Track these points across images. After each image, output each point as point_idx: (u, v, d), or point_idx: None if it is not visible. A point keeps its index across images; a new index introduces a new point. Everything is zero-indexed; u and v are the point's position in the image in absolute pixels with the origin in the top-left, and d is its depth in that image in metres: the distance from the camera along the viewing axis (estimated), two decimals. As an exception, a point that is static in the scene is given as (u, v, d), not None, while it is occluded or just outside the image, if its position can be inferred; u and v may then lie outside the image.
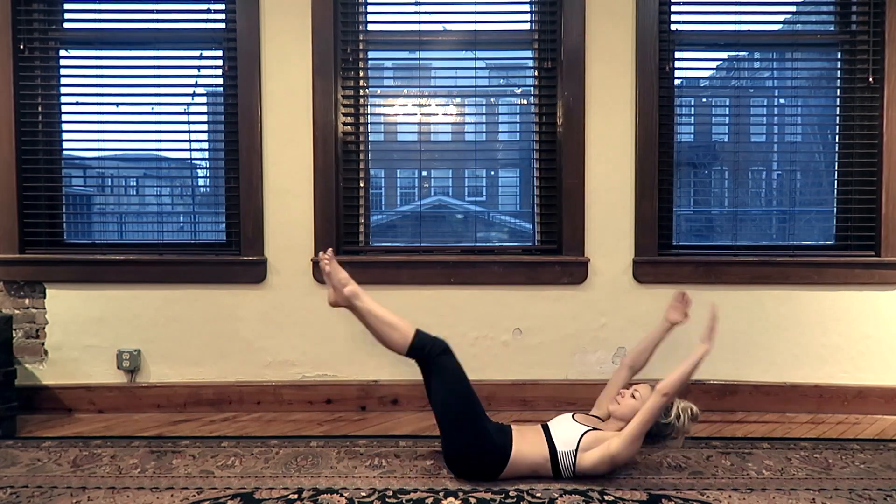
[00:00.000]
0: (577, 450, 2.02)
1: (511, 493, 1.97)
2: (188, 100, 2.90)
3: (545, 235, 2.91)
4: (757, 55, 3.12)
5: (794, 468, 2.18)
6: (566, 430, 2.08)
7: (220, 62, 2.84)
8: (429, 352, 2.10)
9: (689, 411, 2.07)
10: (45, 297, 2.81)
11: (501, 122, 3.13)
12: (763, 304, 2.82)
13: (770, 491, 2.01)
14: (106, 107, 2.87)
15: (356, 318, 2.79)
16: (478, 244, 2.92)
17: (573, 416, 2.17)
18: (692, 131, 3.09)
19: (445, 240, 2.99)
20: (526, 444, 2.06)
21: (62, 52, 2.89)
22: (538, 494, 1.96)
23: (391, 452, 2.32)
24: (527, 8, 2.93)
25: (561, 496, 1.95)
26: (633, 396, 2.10)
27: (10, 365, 2.49)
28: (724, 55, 3.07)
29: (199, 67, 2.88)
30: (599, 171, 2.80)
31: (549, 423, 2.15)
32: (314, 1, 2.76)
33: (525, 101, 2.98)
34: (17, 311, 2.80)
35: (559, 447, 2.03)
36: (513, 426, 2.14)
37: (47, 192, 2.86)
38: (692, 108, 3.07)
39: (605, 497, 1.95)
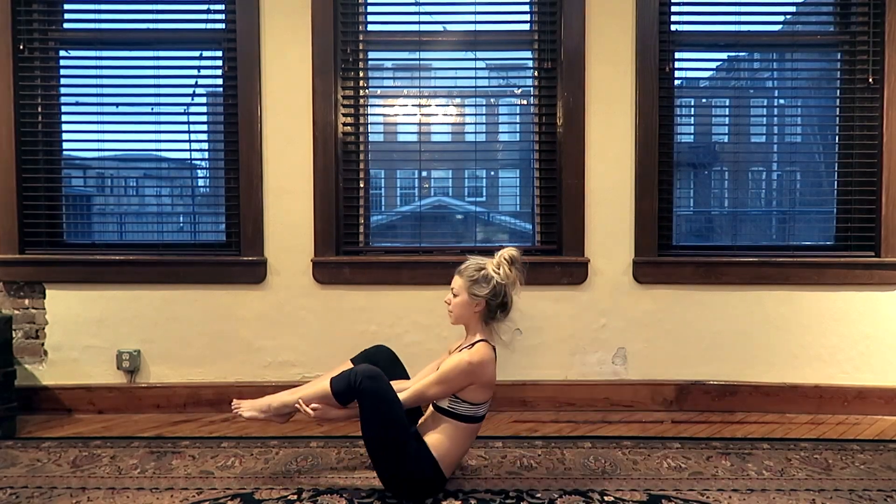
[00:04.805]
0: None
1: (511, 494, 1.97)
2: (188, 100, 2.90)
3: (545, 236, 2.90)
4: (757, 56, 3.12)
5: (794, 469, 2.18)
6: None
7: (219, 62, 2.84)
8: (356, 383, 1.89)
9: (506, 258, 1.98)
10: (44, 298, 2.81)
11: (501, 123, 3.12)
12: (763, 305, 2.82)
13: (770, 491, 2.01)
14: (106, 107, 2.87)
15: (354, 320, 2.83)
16: (478, 244, 2.92)
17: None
18: (692, 131, 3.09)
19: (445, 240, 2.99)
20: (431, 426, 1.97)
21: (62, 53, 2.89)
22: (538, 495, 1.96)
23: (391, 453, 2.32)
24: (527, 8, 2.93)
25: (561, 496, 1.95)
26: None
27: (9, 365, 2.49)
28: (723, 55, 3.07)
29: (199, 68, 2.88)
30: (599, 171, 2.80)
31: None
32: (314, 1, 2.76)
33: (525, 102, 2.98)
34: (17, 312, 2.80)
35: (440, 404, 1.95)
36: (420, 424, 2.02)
37: (47, 192, 2.86)
38: (692, 109, 3.07)
39: (605, 498, 1.95)
